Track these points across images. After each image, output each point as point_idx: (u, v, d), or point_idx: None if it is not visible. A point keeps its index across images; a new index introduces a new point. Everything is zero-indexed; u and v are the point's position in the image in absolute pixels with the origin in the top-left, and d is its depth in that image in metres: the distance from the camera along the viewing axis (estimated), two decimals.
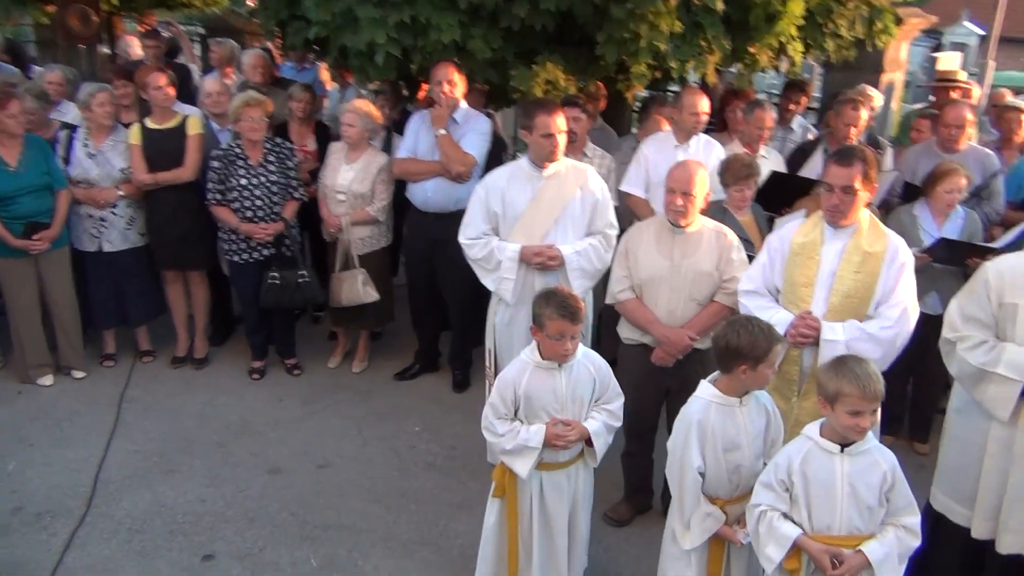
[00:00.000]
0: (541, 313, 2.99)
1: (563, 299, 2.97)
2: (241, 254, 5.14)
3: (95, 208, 5.14)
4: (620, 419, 3.19)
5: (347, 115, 5.16)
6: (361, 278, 5.21)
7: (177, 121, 5.19)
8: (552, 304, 2.96)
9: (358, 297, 5.23)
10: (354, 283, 5.22)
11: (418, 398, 5.25)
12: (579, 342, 3.05)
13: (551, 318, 2.96)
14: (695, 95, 4.82)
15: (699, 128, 4.87)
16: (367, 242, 5.30)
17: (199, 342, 5.60)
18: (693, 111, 4.78)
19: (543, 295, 3.04)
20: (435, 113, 4.89)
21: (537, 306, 3.02)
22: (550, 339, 3.00)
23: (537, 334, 3.05)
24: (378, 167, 5.19)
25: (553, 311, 2.95)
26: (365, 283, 5.22)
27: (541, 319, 2.99)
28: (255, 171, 5.03)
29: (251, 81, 6.37)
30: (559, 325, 2.96)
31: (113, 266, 5.27)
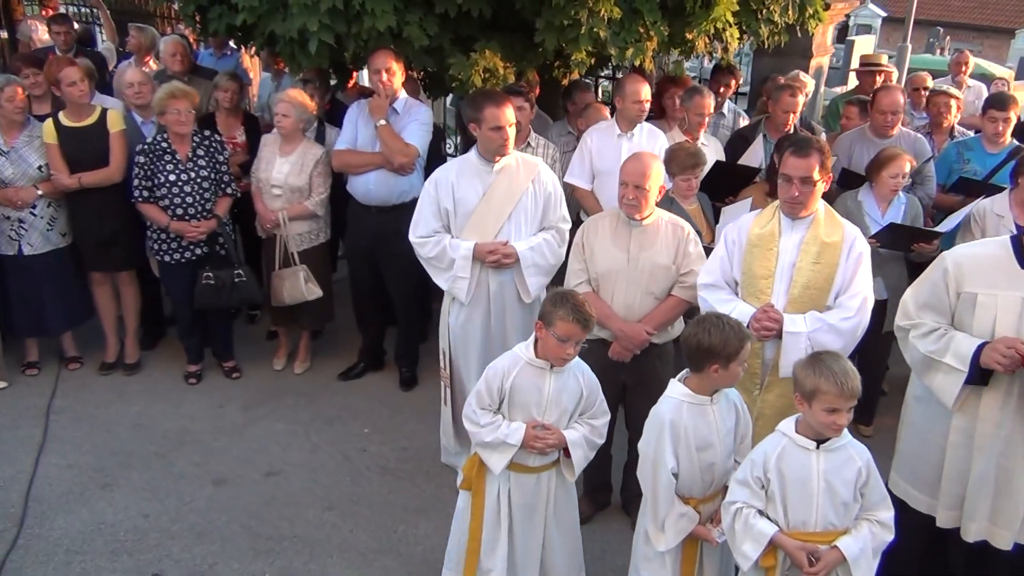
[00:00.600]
0: (552, 312, 2.92)
1: (578, 304, 2.91)
2: (172, 254, 4.90)
3: (12, 209, 4.81)
4: (603, 437, 3.13)
5: (281, 105, 4.95)
6: (303, 275, 5.03)
7: (95, 117, 4.89)
8: (567, 306, 2.90)
9: (301, 295, 5.06)
10: (296, 280, 5.03)
11: (365, 398, 5.11)
12: (579, 348, 2.98)
13: (563, 319, 2.90)
14: (638, 83, 4.78)
15: (642, 117, 4.83)
16: (306, 237, 5.11)
17: (130, 346, 5.33)
18: (636, 99, 4.74)
19: (558, 296, 2.97)
20: (374, 103, 4.73)
21: (550, 304, 2.95)
22: (555, 340, 2.93)
23: (541, 331, 2.98)
24: (314, 159, 5.00)
25: (567, 313, 2.89)
26: (307, 280, 5.05)
27: (551, 318, 2.92)
28: (184, 166, 4.79)
29: (170, 70, 6.07)
30: (570, 328, 2.90)
31: (34, 270, 4.95)
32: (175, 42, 6.07)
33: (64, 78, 4.74)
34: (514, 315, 3.92)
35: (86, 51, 6.95)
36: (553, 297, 3.00)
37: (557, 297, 2.98)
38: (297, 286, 5.02)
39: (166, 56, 6.00)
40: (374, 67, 4.70)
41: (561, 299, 2.95)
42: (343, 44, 4.78)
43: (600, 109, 5.34)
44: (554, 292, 3.06)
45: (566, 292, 3.03)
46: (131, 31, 7.36)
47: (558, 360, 3.01)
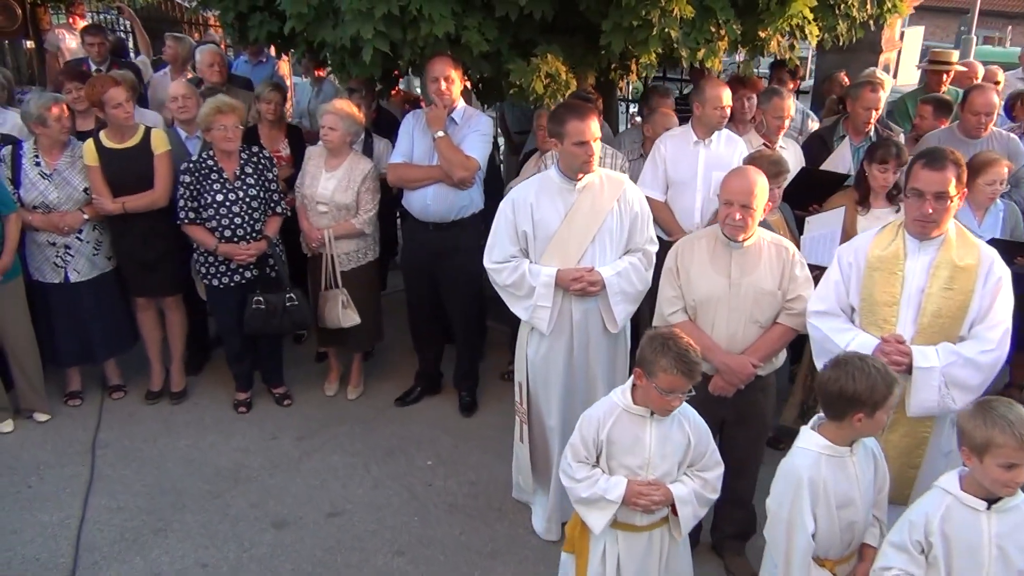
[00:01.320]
0: (653, 361, 2.63)
1: (683, 351, 2.61)
2: (220, 277, 4.62)
3: (58, 235, 4.56)
4: (717, 491, 2.84)
5: (327, 117, 4.66)
6: (342, 299, 4.75)
7: (138, 137, 4.61)
8: (670, 355, 2.61)
9: (337, 321, 4.78)
10: (334, 305, 4.75)
11: (425, 426, 4.82)
12: (685, 397, 2.68)
13: (666, 371, 2.60)
14: (719, 87, 4.45)
15: (723, 123, 4.51)
16: (353, 257, 4.83)
17: (176, 374, 5.06)
18: (718, 104, 4.41)
19: (659, 340, 2.67)
20: (432, 114, 4.43)
21: (650, 351, 2.66)
22: (657, 391, 2.64)
23: (641, 379, 2.70)
24: (362, 174, 4.71)
25: (671, 364, 2.60)
26: (346, 305, 4.76)
27: (652, 367, 2.63)
28: (232, 185, 4.51)
29: (208, 81, 5.80)
30: (674, 381, 2.61)
31: (81, 296, 4.70)
32: (212, 52, 5.79)
33: (109, 100, 4.46)
34: (599, 346, 3.61)
35: (121, 62, 6.70)
36: (653, 342, 2.70)
37: (658, 342, 2.68)
38: (334, 311, 4.75)
39: (203, 67, 5.72)
40: (432, 75, 4.41)
41: (662, 345, 2.65)
42: (398, 51, 4.49)
43: (668, 114, 5.01)
44: (654, 335, 2.75)
45: (668, 336, 2.70)
46: (168, 41, 7.10)
47: (661, 410, 2.72)
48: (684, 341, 2.68)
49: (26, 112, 4.50)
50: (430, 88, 4.45)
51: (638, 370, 2.74)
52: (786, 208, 4.33)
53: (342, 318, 4.74)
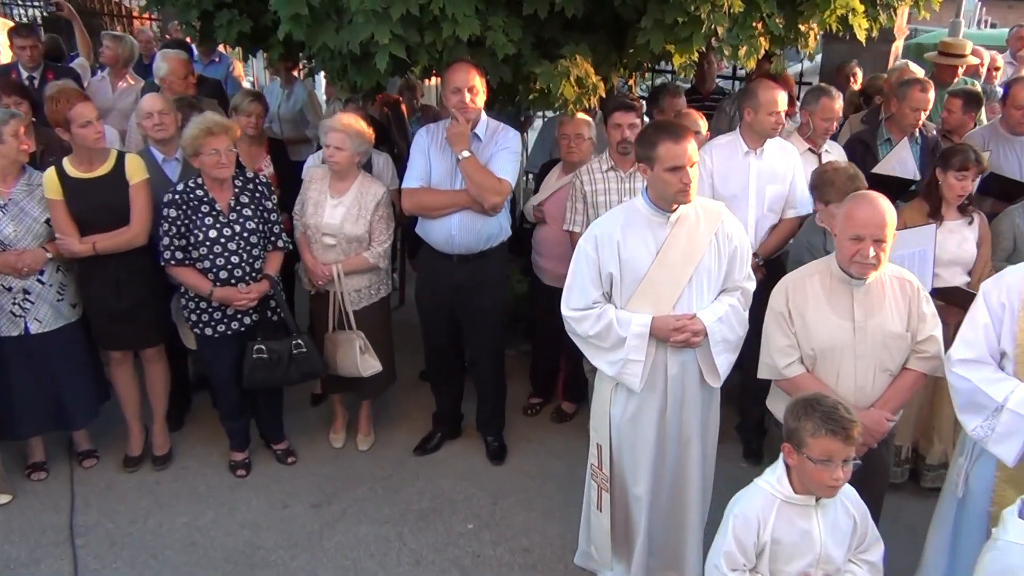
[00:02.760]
0: (798, 428, 2.27)
1: (831, 409, 2.26)
2: (215, 326, 3.97)
3: (15, 277, 3.82)
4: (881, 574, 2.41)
5: (333, 135, 4.05)
6: (359, 344, 4.17)
7: (110, 164, 3.90)
8: (817, 416, 2.25)
9: (355, 368, 4.21)
10: (350, 350, 4.17)
11: (454, 479, 4.28)
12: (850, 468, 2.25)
13: (816, 435, 2.23)
14: (773, 90, 4.01)
15: (778, 131, 4.08)
16: (364, 294, 4.24)
17: (158, 434, 4.38)
18: (772, 110, 3.98)
19: (800, 404, 2.31)
20: (454, 131, 3.87)
21: (792, 419, 2.30)
22: (813, 463, 2.23)
23: (791, 456, 2.30)
24: (375, 200, 4.12)
25: (819, 426, 2.23)
26: (364, 350, 4.18)
27: (799, 435, 2.26)
28: (226, 219, 3.86)
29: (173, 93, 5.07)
30: (828, 446, 2.24)
31: (46, 351, 3.97)
32: (179, 58, 5.04)
33: (76, 117, 3.73)
34: (694, 403, 3.13)
35: (57, 68, 5.88)
36: (795, 409, 2.34)
37: (799, 407, 2.33)
38: (351, 357, 4.17)
39: (172, 78, 4.96)
40: (453, 85, 3.85)
41: (804, 408, 2.31)
42: (413, 56, 3.92)
43: (696, 117, 4.55)
44: (794, 402, 2.38)
45: (810, 398, 2.34)
46: (105, 41, 6.30)
47: (825, 489, 2.32)
48: (830, 399, 2.33)
49: None
50: (450, 100, 3.89)
51: (786, 446, 2.35)
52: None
53: (361, 366, 4.15)
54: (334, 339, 4.23)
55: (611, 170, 4.16)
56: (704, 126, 4.48)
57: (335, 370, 4.24)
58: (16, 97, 4.45)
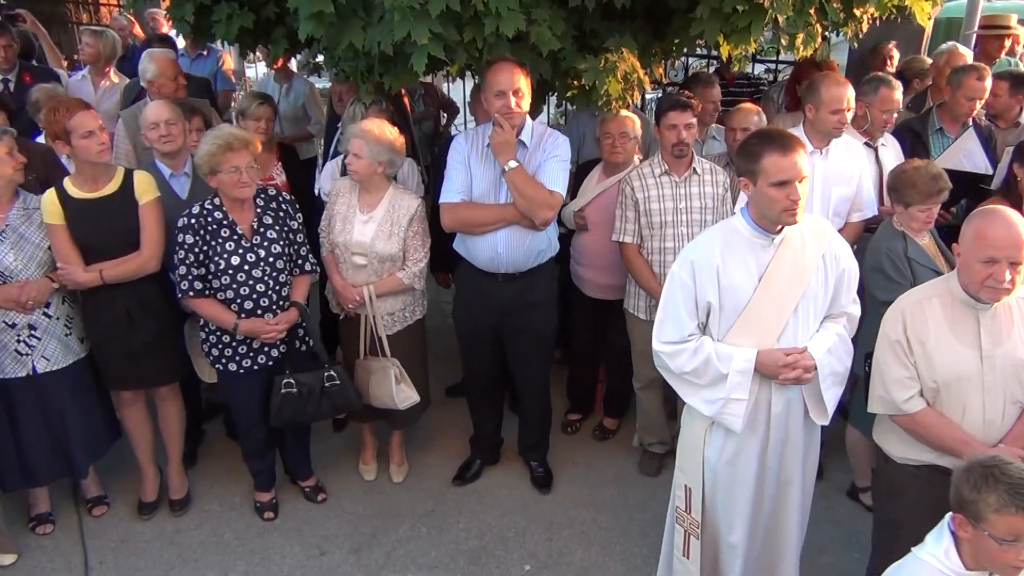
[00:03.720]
0: (978, 499, 1.99)
1: (1019, 481, 1.96)
2: (240, 360, 3.59)
3: (19, 312, 3.41)
4: None
5: (356, 143, 3.66)
6: (395, 373, 3.82)
7: (117, 182, 3.49)
8: (1002, 489, 1.97)
9: (391, 400, 3.86)
10: (385, 380, 3.82)
11: (501, 512, 3.97)
12: None
13: (1002, 511, 1.96)
14: (839, 85, 3.70)
15: (842, 129, 3.77)
16: (398, 317, 3.89)
17: (174, 478, 3.99)
18: (837, 107, 3.66)
19: (978, 470, 2.02)
20: (500, 139, 3.50)
21: (968, 487, 2.02)
22: (995, 542, 1.97)
23: (965, 529, 2.04)
24: (408, 215, 3.75)
25: (1006, 502, 1.96)
26: (400, 379, 3.83)
27: (978, 508, 1.99)
28: (249, 243, 3.47)
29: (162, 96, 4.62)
30: (1017, 525, 1.96)
31: (54, 391, 3.56)
32: (169, 60, 4.57)
33: (77, 127, 3.30)
34: (796, 443, 2.83)
35: (34, 68, 5.37)
36: (971, 474, 2.05)
37: (977, 473, 2.04)
38: (386, 388, 3.82)
39: (162, 80, 4.50)
40: (497, 87, 3.48)
41: (985, 477, 2.02)
42: (450, 55, 3.54)
43: (750, 111, 4.22)
44: (970, 465, 2.08)
45: (990, 463, 2.04)
46: (85, 37, 5.80)
47: (1008, 570, 2.04)
48: (1014, 466, 2.03)
49: None
50: (493, 105, 3.52)
51: (959, 517, 2.06)
52: (934, 229, 3.66)
53: (397, 397, 3.80)
54: (366, 366, 3.88)
55: (665, 175, 3.83)
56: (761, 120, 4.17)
57: (368, 400, 3.89)
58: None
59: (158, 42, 5.22)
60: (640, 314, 3.98)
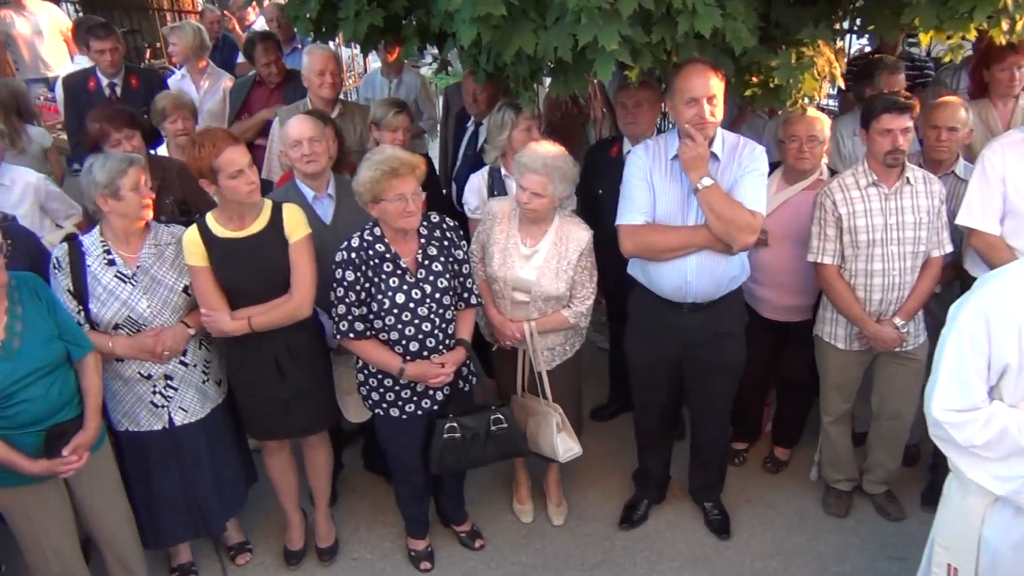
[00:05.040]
0: None
1: None
2: (404, 406, 3.23)
3: (154, 362, 3.10)
4: None
5: (532, 178, 3.18)
6: (556, 421, 3.44)
7: (265, 219, 3.11)
8: None
9: (551, 449, 3.49)
10: (546, 427, 3.46)
11: (683, 563, 3.58)
12: None
13: None
14: None
15: None
16: (558, 352, 3.51)
17: (322, 525, 3.68)
18: None
19: None
20: (691, 152, 3.05)
21: None
22: None
23: None
24: (578, 250, 3.34)
25: None
26: (562, 428, 3.45)
27: None
28: (414, 278, 3.08)
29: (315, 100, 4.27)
30: None
31: (190, 444, 3.26)
32: (325, 55, 4.21)
33: (226, 165, 2.91)
34: None
35: (140, 71, 5.04)
36: None
37: None
38: (547, 436, 3.45)
39: (311, 75, 4.16)
40: (690, 94, 3.03)
41: None
42: (633, 58, 3.09)
43: (955, 105, 3.68)
44: None
45: None
46: (170, 37, 5.45)
47: None
48: None
49: (91, 182, 2.96)
50: (683, 114, 3.07)
51: None
52: None
53: (558, 447, 3.43)
54: (525, 405, 3.52)
55: (872, 186, 3.34)
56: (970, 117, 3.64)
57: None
58: (127, 130, 3.64)
59: (261, 39, 4.84)
60: (838, 343, 3.53)
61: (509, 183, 3.78)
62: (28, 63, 7.78)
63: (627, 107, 3.79)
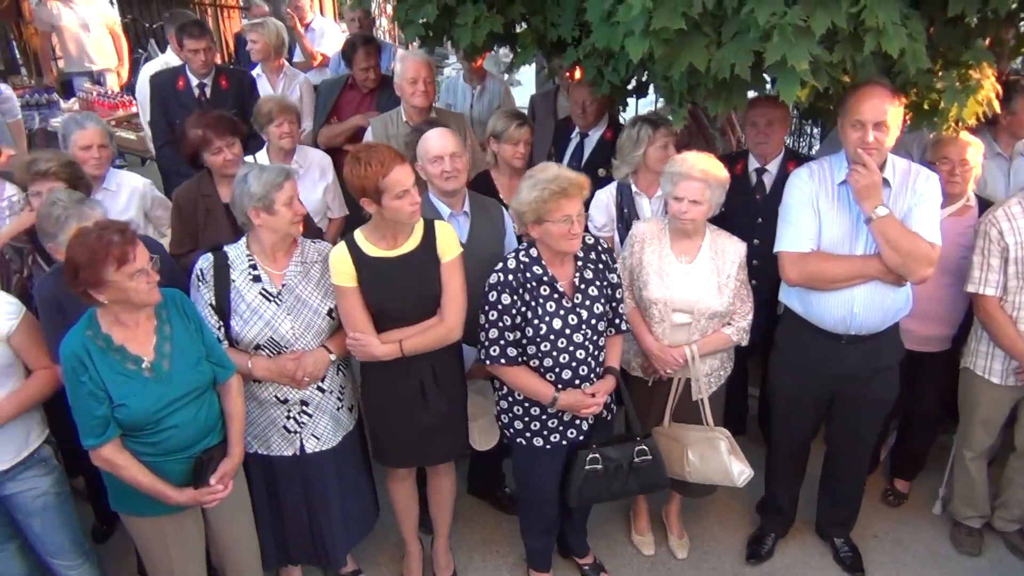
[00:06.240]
0: None
1: None
2: (549, 436, 3.06)
3: (292, 387, 2.93)
4: None
5: (689, 185, 3.04)
6: (725, 446, 3.28)
7: (418, 237, 2.92)
8: None
9: (723, 475, 3.31)
10: (714, 453, 3.28)
11: None
12: None
13: None
14: None
15: None
16: (714, 378, 3.35)
17: (442, 555, 3.52)
18: None
19: None
20: (865, 181, 2.91)
21: None
22: None
23: None
24: (735, 261, 3.19)
25: None
26: (732, 451, 3.29)
27: None
28: (570, 302, 2.92)
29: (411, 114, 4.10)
30: None
31: (318, 471, 3.09)
32: (418, 62, 4.04)
33: (393, 186, 2.71)
34: None
35: (230, 71, 4.85)
36: None
37: None
38: (716, 463, 3.29)
39: (404, 83, 3.99)
40: (859, 116, 2.92)
41: None
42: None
43: None
44: None
45: None
46: (250, 35, 5.27)
47: None
48: None
49: (244, 193, 2.78)
50: (849, 137, 2.94)
51: None
52: None
53: (732, 472, 3.26)
54: (677, 436, 3.33)
55: None
56: None
57: (676, 474, 3.35)
58: (229, 137, 3.47)
59: (363, 42, 4.65)
60: (992, 377, 3.39)
61: (640, 200, 3.64)
62: (74, 56, 7.60)
63: (758, 126, 3.64)
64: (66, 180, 3.12)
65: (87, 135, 3.56)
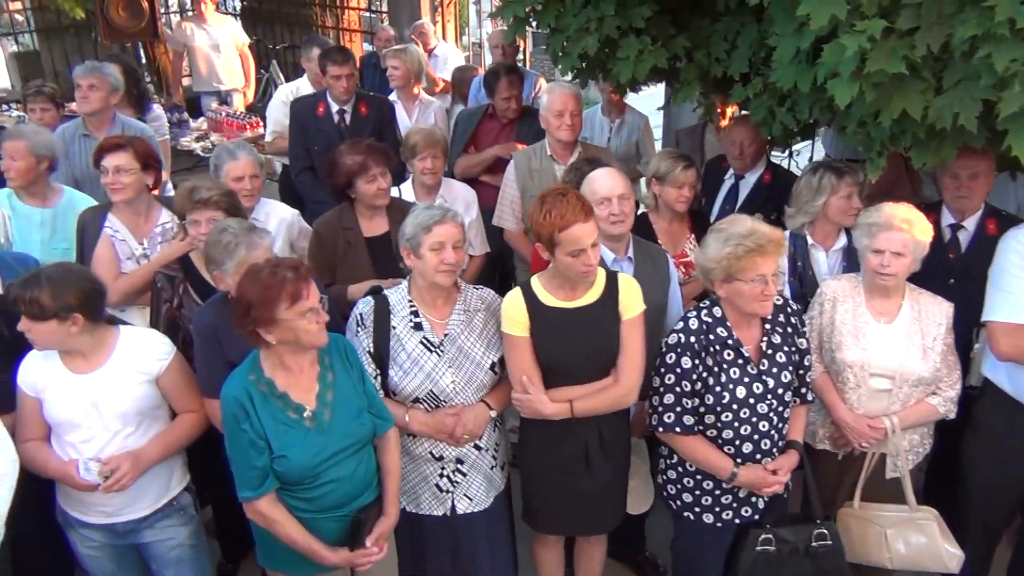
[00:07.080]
0: None
1: None
2: (721, 512, 2.80)
3: (449, 444, 2.74)
4: None
5: (899, 239, 2.76)
6: (936, 530, 2.95)
7: (599, 290, 2.68)
8: None
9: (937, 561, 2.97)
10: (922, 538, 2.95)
11: None
12: None
13: None
14: None
15: None
16: (914, 454, 3.03)
17: None
18: None
19: None
20: None
21: None
22: None
23: None
24: (941, 323, 2.88)
25: None
26: (943, 535, 2.96)
27: None
28: (756, 369, 2.65)
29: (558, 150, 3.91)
30: None
31: (465, 534, 2.89)
32: (566, 94, 3.84)
33: (570, 242, 2.49)
34: None
35: (370, 98, 4.76)
36: None
37: None
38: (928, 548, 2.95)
39: (550, 115, 3.81)
40: None
41: None
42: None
43: None
44: None
45: None
46: (390, 60, 5.18)
47: None
48: None
49: (419, 227, 2.61)
50: None
51: None
52: None
53: (945, 556, 2.93)
54: (872, 519, 2.99)
55: None
56: None
57: (870, 560, 3.03)
58: (383, 167, 3.34)
59: (506, 71, 4.49)
60: None
61: (816, 253, 3.34)
62: (204, 76, 7.72)
63: (960, 178, 3.30)
64: (225, 209, 3.03)
65: (240, 166, 3.48)
